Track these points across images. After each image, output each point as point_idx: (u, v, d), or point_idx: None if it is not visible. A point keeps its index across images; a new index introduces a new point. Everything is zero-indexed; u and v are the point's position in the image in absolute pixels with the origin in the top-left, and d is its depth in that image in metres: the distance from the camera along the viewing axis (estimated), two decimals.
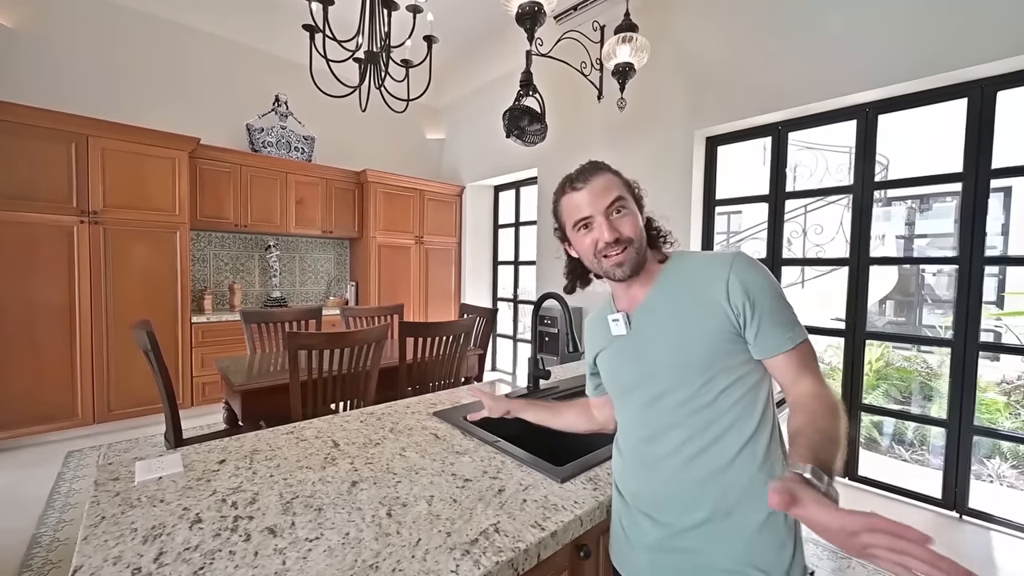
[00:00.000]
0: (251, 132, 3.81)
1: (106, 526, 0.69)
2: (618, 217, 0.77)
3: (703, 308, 0.72)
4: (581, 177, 0.79)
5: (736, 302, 0.70)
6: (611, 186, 0.78)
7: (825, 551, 1.89)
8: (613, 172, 0.81)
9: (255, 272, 4.03)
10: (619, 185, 0.79)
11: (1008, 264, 2.10)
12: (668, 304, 0.76)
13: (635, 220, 0.78)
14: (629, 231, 0.76)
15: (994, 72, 2.04)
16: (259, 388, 1.82)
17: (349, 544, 0.66)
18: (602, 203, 0.76)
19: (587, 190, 0.77)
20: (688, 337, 0.73)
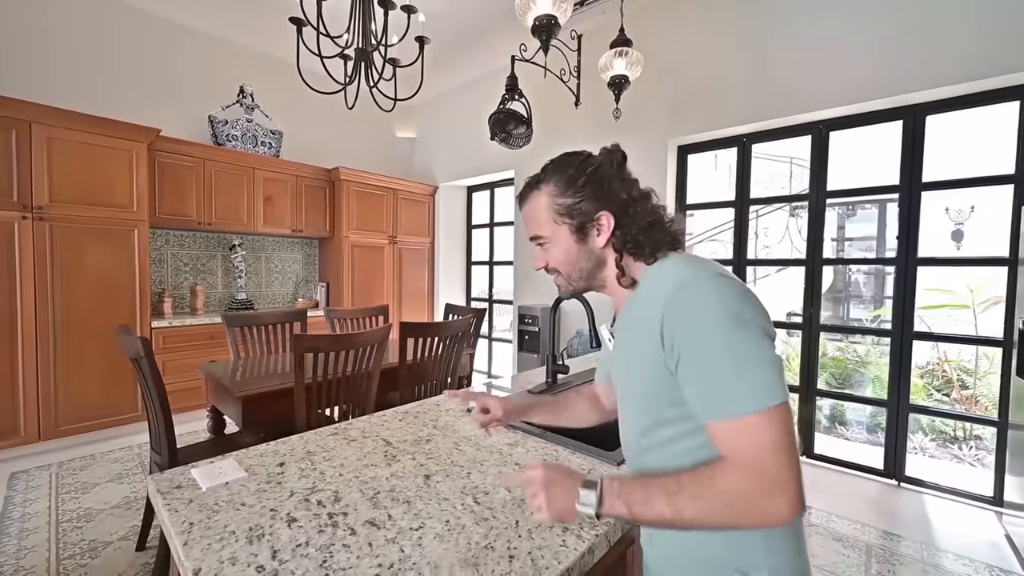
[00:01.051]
0: (214, 124, 3.59)
1: (199, 531, 0.69)
2: (541, 252, 0.73)
3: (645, 346, 0.61)
4: (519, 198, 0.75)
5: (668, 342, 0.58)
6: (533, 219, 0.71)
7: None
8: (546, 187, 0.70)
9: (218, 273, 3.80)
10: (542, 215, 0.70)
11: (935, 264, 2.43)
12: (627, 331, 0.69)
13: (560, 250, 0.70)
14: (555, 263, 0.72)
15: (924, 99, 2.37)
16: (262, 393, 1.75)
17: (454, 530, 0.71)
18: (528, 234, 0.74)
19: (523, 214, 0.74)
20: (635, 372, 0.66)
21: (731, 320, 0.54)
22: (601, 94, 3.40)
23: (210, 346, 3.26)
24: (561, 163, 0.70)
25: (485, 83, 4.44)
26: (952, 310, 3.87)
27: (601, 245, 0.68)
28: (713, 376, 0.54)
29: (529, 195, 0.72)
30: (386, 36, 2.27)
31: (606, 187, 0.67)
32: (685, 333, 0.56)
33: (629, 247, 0.66)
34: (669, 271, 0.63)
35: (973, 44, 2.15)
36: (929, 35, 2.25)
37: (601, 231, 0.68)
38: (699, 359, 0.55)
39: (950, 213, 4.93)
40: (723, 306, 0.55)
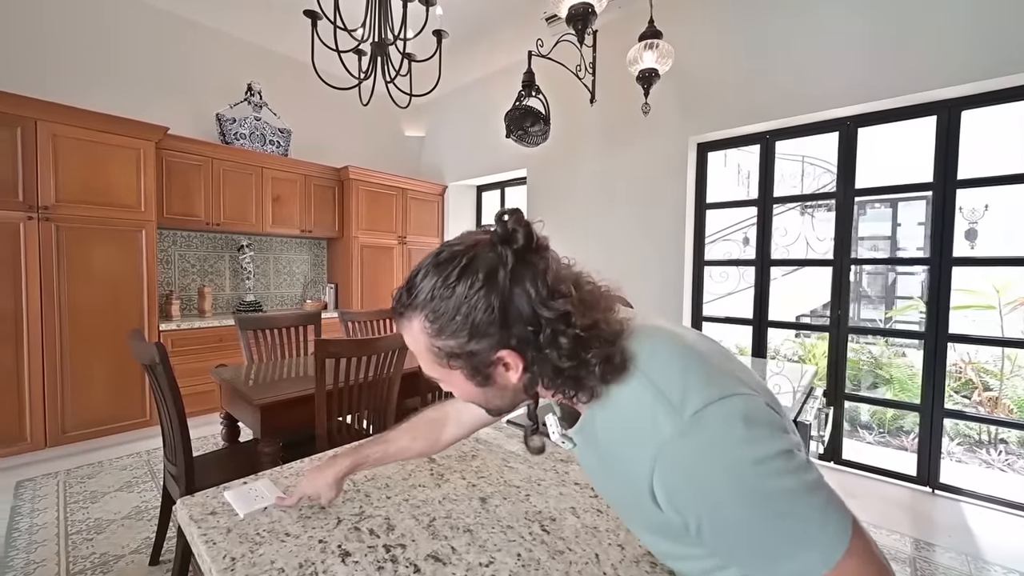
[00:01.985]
0: (222, 122, 3.51)
1: (244, 568, 0.61)
2: (443, 385, 0.56)
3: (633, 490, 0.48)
4: (395, 315, 0.54)
5: (671, 512, 0.46)
6: (415, 353, 0.54)
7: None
8: (419, 316, 0.50)
9: (226, 274, 3.72)
10: (423, 355, 0.53)
11: (970, 265, 2.35)
12: (598, 456, 0.55)
13: (462, 392, 0.55)
14: (462, 398, 0.57)
15: (959, 94, 2.29)
16: (281, 401, 1.68)
17: (529, 566, 0.63)
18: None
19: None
20: (627, 507, 0.55)
21: (759, 476, 0.41)
22: (617, 91, 3.32)
23: (219, 349, 3.19)
24: (434, 283, 0.49)
25: (493, 81, 4.36)
26: (976, 311, 3.79)
27: (515, 380, 0.50)
28: (761, 553, 0.42)
29: (400, 322, 0.52)
30: (404, 30, 2.20)
31: (498, 313, 0.47)
32: (703, 519, 0.44)
33: (561, 389, 0.50)
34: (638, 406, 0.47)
35: (1006, 40, 2.07)
36: (958, 33, 2.17)
37: (509, 368, 0.50)
38: (735, 543, 0.43)
39: (964, 212, 4.86)
40: (731, 470, 0.41)
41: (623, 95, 3.30)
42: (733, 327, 3.24)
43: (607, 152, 3.57)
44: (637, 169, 3.39)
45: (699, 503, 0.43)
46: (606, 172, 3.58)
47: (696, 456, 0.43)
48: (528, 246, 0.50)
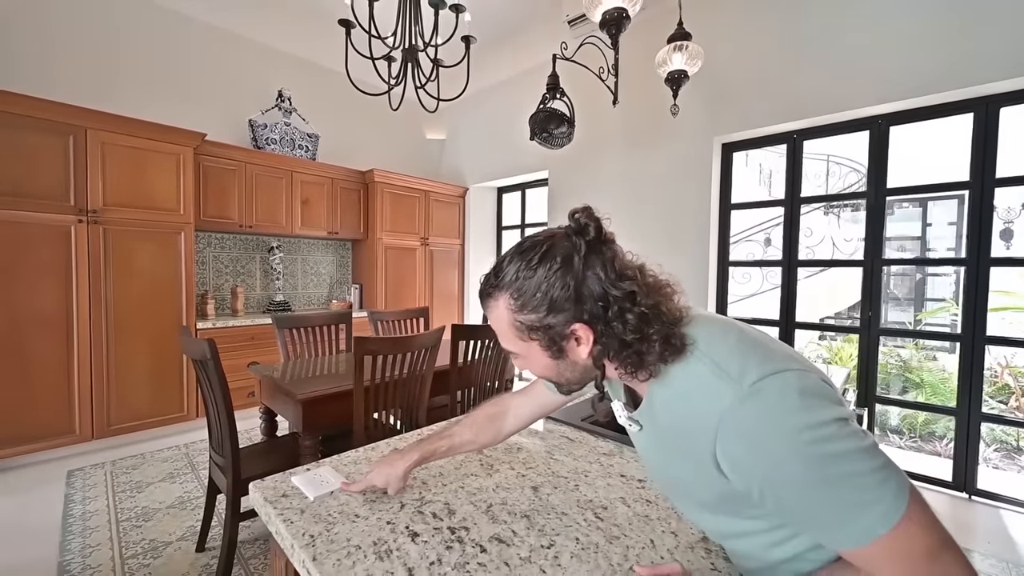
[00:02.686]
0: (254, 128, 3.63)
1: (323, 545, 0.66)
2: (518, 360, 0.62)
3: (696, 463, 0.52)
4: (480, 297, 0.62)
5: (737, 484, 0.49)
6: (498, 331, 0.61)
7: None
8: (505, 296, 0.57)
9: (256, 275, 3.84)
10: (506, 331, 0.59)
11: (1010, 265, 2.30)
12: (660, 433, 0.58)
13: (538, 367, 0.60)
14: (536, 373, 0.63)
15: (998, 90, 2.24)
16: (321, 396, 1.74)
17: (588, 549, 0.66)
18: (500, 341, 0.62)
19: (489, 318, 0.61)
20: (689, 482, 0.58)
21: (810, 447, 0.44)
22: (639, 92, 3.33)
23: (251, 347, 3.30)
24: (518, 266, 0.56)
25: (513, 83, 4.41)
26: (1014, 312, 3.67)
27: (585, 355, 0.56)
28: (824, 517, 0.45)
29: (487, 302, 0.60)
30: (435, 36, 2.26)
31: (573, 291, 0.53)
32: (766, 483, 0.46)
33: (625, 363, 0.54)
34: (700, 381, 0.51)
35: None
36: (992, 26, 2.13)
37: (580, 342, 0.55)
38: (799, 506, 0.46)
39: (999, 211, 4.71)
40: (791, 435, 0.44)
41: (646, 96, 3.31)
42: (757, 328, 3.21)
43: (630, 153, 3.58)
44: (660, 170, 3.39)
45: (760, 468, 0.46)
46: (629, 173, 3.59)
47: (756, 422, 0.46)
48: (598, 237, 0.57)
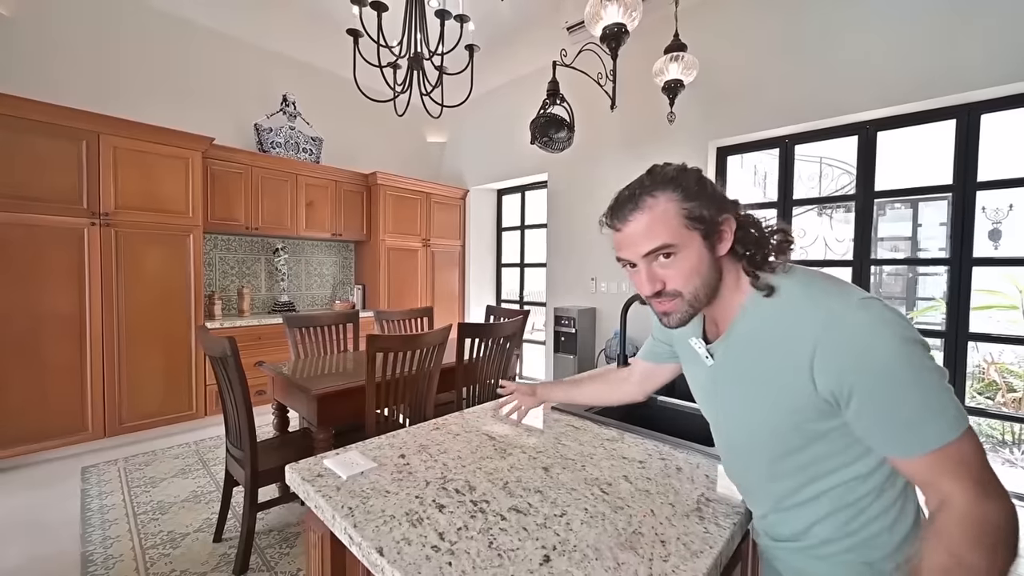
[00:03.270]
0: (260, 132, 3.70)
1: (361, 515, 0.74)
2: (661, 265, 0.64)
3: (783, 375, 0.58)
4: (619, 215, 0.65)
5: (825, 381, 0.55)
6: (655, 228, 0.62)
7: None
8: (669, 192, 0.62)
9: (261, 276, 3.91)
10: (669, 221, 0.62)
11: (991, 265, 2.40)
12: (745, 355, 0.64)
13: (687, 265, 0.63)
14: (676, 283, 0.63)
15: (979, 98, 2.35)
16: (335, 391, 1.82)
17: (596, 517, 0.75)
18: (641, 249, 0.63)
19: (627, 230, 0.64)
20: (758, 412, 0.63)
21: (906, 353, 0.52)
22: (636, 96, 3.42)
23: (258, 347, 3.36)
24: (665, 170, 0.65)
25: (513, 88, 4.50)
26: (999, 311, 3.79)
27: (722, 254, 0.64)
28: (904, 416, 0.53)
29: (642, 200, 0.63)
30: (441, 44, 2.34)
31: (717, 192, 0.64)
32: (859, 379, 0.53)
33: (756, 252, 0.63)
34: (805, 295, 0.59)
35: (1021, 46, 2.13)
36: (973, 38, 2.24)
37: (723, 239, 0.63)
38: (884, 403, 0.53)
39: (987, 212, 4.83)
40: (892, 340, 0.52)
41: (643, 100, 3.41)
42: None
43: (627, 156, 3.68)
44: None
45: (862, 365, 0.52)
46: (627, 176, 3.62)
47: (867, 327, 0.53)
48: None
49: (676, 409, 1.43)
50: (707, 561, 0.64)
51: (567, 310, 3.80)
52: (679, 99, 3.18)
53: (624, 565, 0.63)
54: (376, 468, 0.91)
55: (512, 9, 3.48)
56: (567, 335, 3.80)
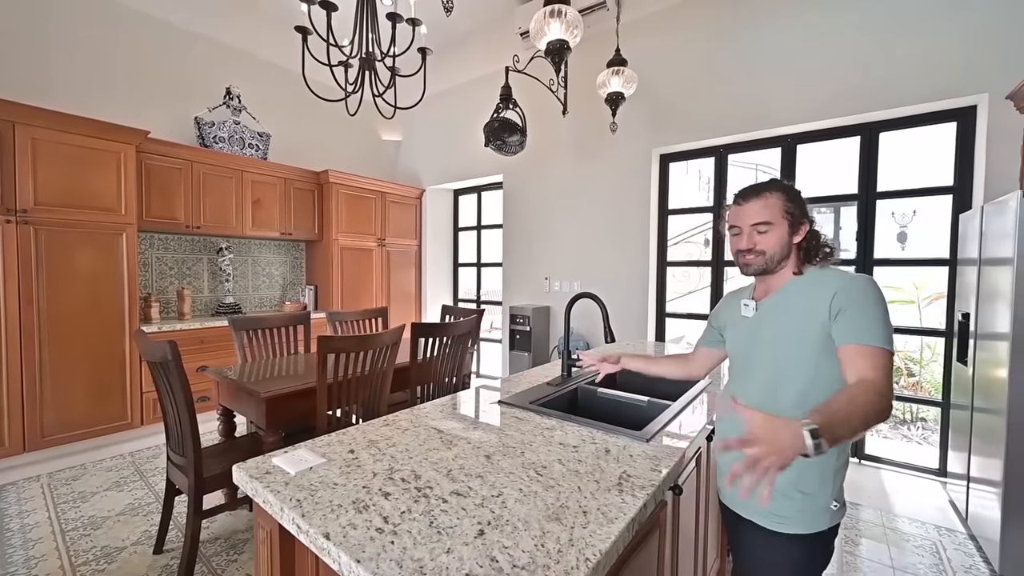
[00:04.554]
0: (200, 126, 3.53)
1: (310, 505, 0.78)
2: (759, 234, 0.98)
3: (807, 312, 0.92)
4: (745, 196, 1.01)
5: (835, 307, 0.89)
6: (763, 210, 0.98)
7: None
8: (779, 193, 0.98)
9: (204, 277, 3.73)
10: (774, 209, 0.97)
11: (887, 265, 2.73)
12: (786, 304, 0.98)
13: (774, 238, 0.98)
14: (764, 246, 0.98)
15: (879, 118, 2.67)
16: (285, 394, 1.80)
17: (529, 495, 0.83)
18: (750, 219, 0.99)
19: (746, 207, 1.00)
20: (787, 331, 0.95)
21: (878, 300, 0.89)
22: (588, 103, 3.58)
23: (201, 351, 3.22)
24: (780, 183, 1.02)
25: (469, 89, 4.55)
26: (900, 305, 4.27)
27: (795, 242, 0.99)
28: (866, 319, 0.86)
29: (762, 193, 0.99)
30: (393, 47, 2.36)
31: (806, 207, 1.00)
32: (851, 299, 0.88)
33: (811, 250, 0.99)
34: (835, 273, 0.96)
35: (920, 71, 2.45)
36: (882, 61, 2.55)
37: (799, 234, 0.99)
38: (858, 310, 0.87)
39: (895, 217, 5.43)
40: (872, 292, 0.90)
41: (593, 108, 3.56)
42: (693, 323, 3.55)
43: (578, 160, 3.83)
44: (605, 177, 3.66)
45: (853, 298, 0.89)
46: (577, 179, 3.84)
47: (860, 284, 0.91)
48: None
49: (615, 400, 1.56)
50: (620, 525, 0.74)
51: (522, 309, 3.90)
52: (626, 107, 3.37)
53: (548, 533, 0.72)
54: (325, 463, 0.95)
55: (468, 14, 3.52)
56: (522, 333, 3.91)
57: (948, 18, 2.37)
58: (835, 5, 2.66)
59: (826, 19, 2.69)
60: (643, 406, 1.47)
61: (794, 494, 0.94)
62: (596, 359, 1.37)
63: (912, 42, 2.46)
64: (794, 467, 0.81)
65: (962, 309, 2.21)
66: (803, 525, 0.94)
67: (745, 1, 2.97)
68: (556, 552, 0.67)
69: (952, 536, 2.05)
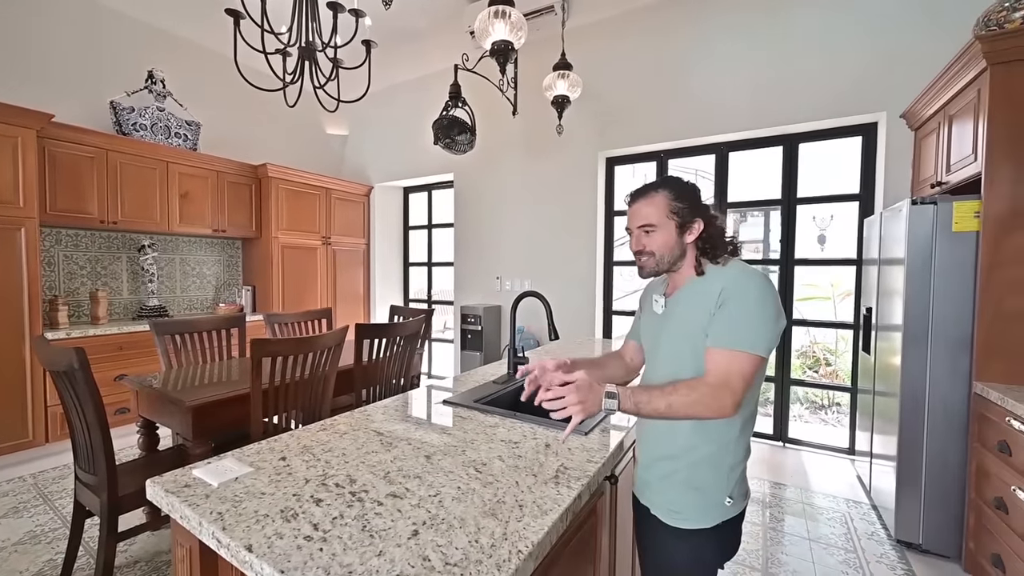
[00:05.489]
0: (117, 111, 3.22)
1: (232, 518, 0.74)
2: (646, 235, 0.97)
3: (701, 309, 0.92)
4: (634, 196, 1.01)
5: (717, 304, 0.90)
6: (649, 211, 0.96)
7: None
8: (666, 192, 0.96)
9: (122, 277, 3.41)
10: (659, 208, 0.95)
11: (807, 264, 3.00)
12: (686, 302, 0.97)
13: (660, 239, 0.95)
14: (653, 247, 0.97)
15: (799, 130, 2.92)
16: (213, 402, 1.69)
17: (467, 493, 0.83)
18: (637, 222, 0.98)
19: (634, 208, 0.99)
20: (687, 329, 0.94)
21: (758, 297, 0.88)
22: (537, 105, 3.63)
23: (120, 358, 2.94)
24: (672, 180, 0.99)
25: (421, 85, 4.48)
26: (818, 301, 4.70)
27: (688, 242, 0.97)
28: (731, 321, 0.87)
29: (648, 193, 0.98)
30: (334, 37, 2.27)
31: (700, 204, 0.97)
32: (731, 295, 0.88)
33: (707, 248, 0.96)
34: (729, 271, 0.94)
35: (832, 90, 2.71)
36: (799, 80, 2.79)
37: (691, 233, 0.96)
38: (733, 311, 0.88)
39: (816, 221, 5.98)
40: (754, 288, 0.89)
41: (543, 110, 3.61)
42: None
43: (529, 161, 3.88)
44: (554, 177, 3.74)
45: (734, 293, 0.88)
46: (528, 179, 3.89)
47: (744, 279, 0.90)
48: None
49: None
50: (553, 517, 0.76)
51: (473, 308, 3.90)
52: (575, 111, 3.45)
53: (484, 529, 0.72)
54: (252, 472, 0.90)
55: (419, 10, 3.46)
56: (473, 332, 3.90)
57: (854, 42, 2.64)
58: (761, 26, 2.88)
59: (753, 38, 2.91)
60: None
61: (687, 490, 0.94)
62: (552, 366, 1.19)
63: (825, 62, 2.72)
64: (687, 465, 0.95)
65: (867, 304, 2.47)
66: (697, 520, 0.94)
67: (683, 17, 3.15)
68: (490, 547, 0.68)
69: (858, 507, 2.29)
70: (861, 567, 1.84)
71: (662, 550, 0.98)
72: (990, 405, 1.65)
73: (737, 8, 2.95)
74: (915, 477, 1.91)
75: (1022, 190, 1.66)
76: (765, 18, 2.87)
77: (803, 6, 2.76)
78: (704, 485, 0.94)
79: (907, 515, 1.94)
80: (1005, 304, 1.70)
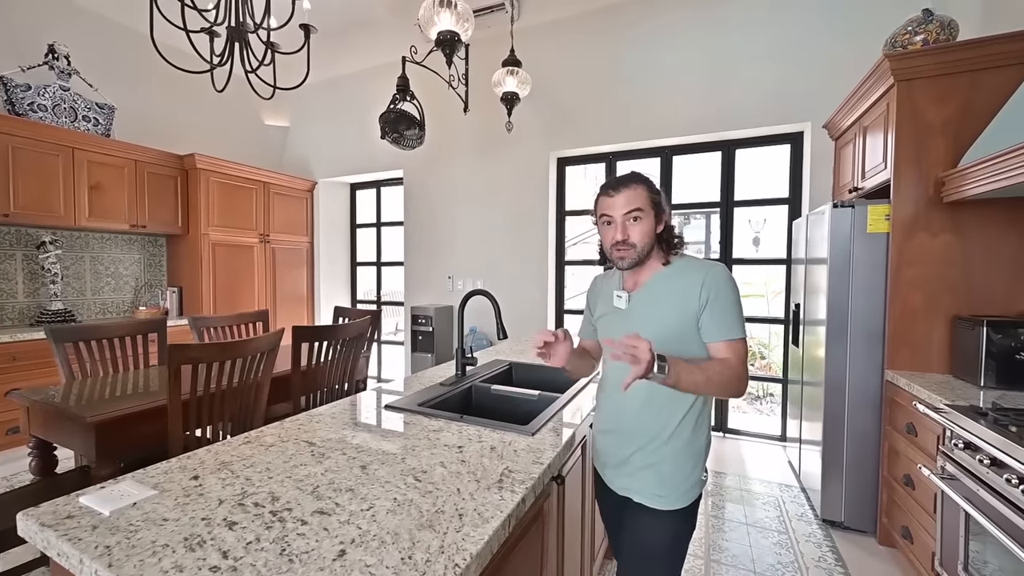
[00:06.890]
0: (8, 89, 2.83)
1: (123, 551, 0.64)
2: (632, 224, 1.00)
3: (682, 301, 0.99)
4: (614, 186, 1.02)
5: (703, 297, 0.97)
6: (635, 198, 1.00)
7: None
8: (644, 185, 1.02)
9: (17, 278, 3.00)
10: (643, 198, 1.00)
11: (744, 264, 3.17)
12: (659, 294, 1.02)
13: (644, 228, 1.00)
14: (635, 237, 1.00)
15: (735, 137, 3.09)
16: (122, 416, 1.50)
17: (403, 504, 0.78)
18: (623, 208, 1.00)
19: (617, 196, 1.01)
20: (666, 320, 1.00)
21: (734, 291, 0.99)
22: (489, 102, 3.59)
23: (13, 370, 2.58)
24: (642, 175, 1.05)
25: (369, 77, 4.31)
26: (754, 299, 5.02)
27: (659, 230, 1.03)
28: (727, 314, 0.97)
29: (630, 183, 1.02)
30: (268, 17, 2.11)
31: (666, 201, 1.06)
32: (717, 291, 0.97)
33: (670, 241, 1.05)
34: (696, 263, 1.04)
35: (764, 99, 2.88)
36: (734, 88, 2.95)
37: (660, 224, 1.03)
38: (721, 305, 0.97)
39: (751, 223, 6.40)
40: (730, 283, 0.99)
41: (495, 108, 3.58)
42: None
43: (480, 159, 3.83)
44: (506, 176, 3.72)
45: (716, 290, 0.97)
46: (480, 177, 3.84)
47: (720, 274, 0.99)
48: None
49: (508, 396, 1.56)
50: (495, 524, 0.72)
51: (424, 309, 3.79)
52: (526, 110, 3.45)
53: (419, 543, 0.67)
54: (155, 496, 0.79)
55: None
56: (424, 334, 3.80)
57: (784, 55, 2.82)
58: (702, 36, 3.02)
59: (695, 47, 3.04)
60: (534, 400, 1.50)
61: (673, 473, 1.02)
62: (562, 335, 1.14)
63: (757, 73, 2.89)
64: (671, 451, 1.02)
65: (796, 301, 2.65)
66: (680, 500, 1.02)
67: (629, 22, 3.23)
68: (424, 563, 0.63)
69: (790, 491, 2.44)
70: (792, 547, 1.96)
71: (650, 534, 1.03)
72: (899, 391, 1.81)
73: (681, 18, 3.08)
74: (837, 460, 2.06)
75: (924, 195, 1.84)
76: (705, 28, 3.01)
77: (738, 19, 2.92)
78: (686, 466, 1.02)
79: (831, 496, 2.09)
80: (910, 299, 1.87)
